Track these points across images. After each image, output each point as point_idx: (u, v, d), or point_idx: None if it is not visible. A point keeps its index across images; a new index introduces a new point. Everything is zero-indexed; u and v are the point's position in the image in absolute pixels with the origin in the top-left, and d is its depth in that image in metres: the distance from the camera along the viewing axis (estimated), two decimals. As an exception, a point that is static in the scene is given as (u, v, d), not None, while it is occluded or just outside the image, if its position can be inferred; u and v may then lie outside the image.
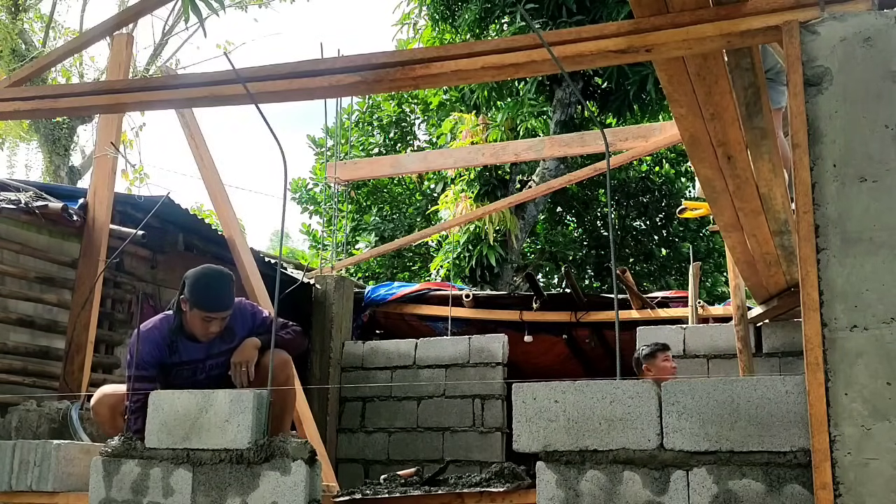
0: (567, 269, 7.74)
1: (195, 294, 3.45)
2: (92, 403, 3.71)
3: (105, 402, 3.60)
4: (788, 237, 3.73)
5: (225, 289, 3.52)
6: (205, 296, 3.47)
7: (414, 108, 15.34)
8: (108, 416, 3.55)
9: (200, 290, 3.47)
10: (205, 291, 3.48)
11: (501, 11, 10.65)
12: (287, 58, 2.88)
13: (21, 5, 14.30)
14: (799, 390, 2.13)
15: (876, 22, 2.15)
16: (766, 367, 5.00)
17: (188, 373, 3.60)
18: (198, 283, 3.49)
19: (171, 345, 3.55)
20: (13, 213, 5.04)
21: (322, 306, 6.93)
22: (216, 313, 3.47)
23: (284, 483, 2.63)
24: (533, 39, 2.48)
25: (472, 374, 6.26)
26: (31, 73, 3.48)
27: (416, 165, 8.78)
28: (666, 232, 14.27)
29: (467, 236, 10.86)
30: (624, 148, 6.80)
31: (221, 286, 3.52)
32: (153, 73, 14.70)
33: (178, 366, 3.59)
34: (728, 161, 2.99)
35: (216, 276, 3.55)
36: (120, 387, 3.66)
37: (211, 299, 3.47)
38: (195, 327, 3.50)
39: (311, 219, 15.90)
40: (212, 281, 3.52)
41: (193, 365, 3.60)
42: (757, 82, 2.56)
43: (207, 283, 3.50)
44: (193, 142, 5.68)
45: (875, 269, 2.04)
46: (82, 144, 15.83)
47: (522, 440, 2.37)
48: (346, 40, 66.12)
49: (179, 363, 3.59)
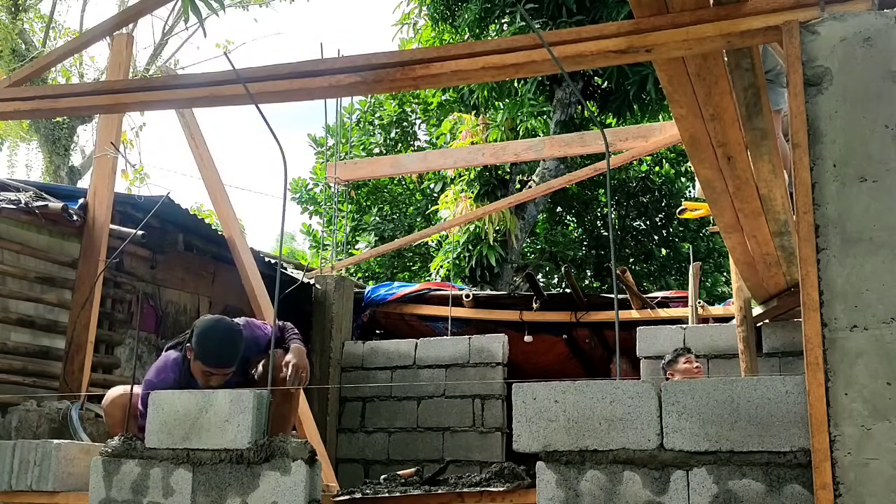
0: (567, 269, 7.73)
1: (200, 347, 3.43)
2: (104, 404, 3.70)
3: (119, 402, 3.59)
4: (788, 238, 3.73)
5: (230, 347, 3.48)
6: (208, 351, 3.43)
7: (415, 108, 15.34)
8: (120, 417, 3.54)
9: (205, 344, 3.43)
10: (209, 346, 3.44)
11: (501, 11, 10.65)
12: (287, 58, 2.88)
13: (21, 5, 14.30)
14: (799, 390, 2.13)
15: (876, 22, 2.15)
16: (767, 367, 5.00)
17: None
18: (203, 336, 3.45)
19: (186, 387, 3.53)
20: (13, 213, 5.04)
21: (322, 306, 6.93)
22: (217, 370, 3.45)
23: (284, 483, 2.63)
24: (533, 39, 2.48)
25: (472, 374, 6.26)
26: (31, 73, 3.48)
27: (416, 165, 8.78)
28: (666, 232, 14.27)
29: (467, 236, 10.86)
30: (624, 148, 6.80)
31: (227, 343, 3.47)
32: (153, 73, 14.70)
33: None
34: (728, 162, 2.99)
35: (223, 333, 3.50)
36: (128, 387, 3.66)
37: (214, 356, 3.44)
38: (197, 375, 3.49)
39: (311, 219, 15.91)
40: (218, 337, 3.48)
41: None
42: (757, 83, 2.56)
43: (213, 338, 3.46)
44: (193, 142, 5.68)
45: (875, 269, 2.04)
46: (82, 144, 15.84)
47: (522, 440, 2.37)
48: (347, 40, 66.07)
49: None
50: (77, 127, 14.61)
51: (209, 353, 3.43)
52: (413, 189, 15.19)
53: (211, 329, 3.49)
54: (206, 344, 3.43)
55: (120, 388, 3.72)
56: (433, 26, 11.70)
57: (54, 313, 5.38)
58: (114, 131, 5.52)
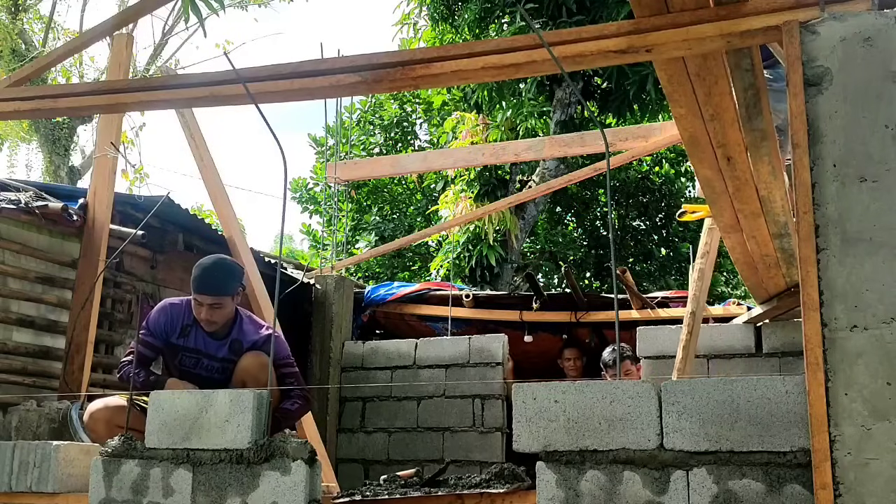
0: (567, 269, 7.73)
1: (192, 276, 3.59)
2: (85, 420, 3.70)
3: (98, 416, 3.58)
4: (788, 240, 3.73)
5: (216, 274, 3.60)
6: (195, 278, 3.58)
7: (416, 107, 15.34)
8: (103, 430, 3.53)
9: (194, 272, 3.60)
10: (196, 273, 3.59)
11: (501, 11, 10.65)
12: (287, 58, 2.88)
13: (21, 5, 14.30)
14: (799, 390, 2.13)
15: (876, 22, 2.15)
16: (767, 367, 5.00)
17: (191, 362, 3.63)
18: (197, 267, 3.61)
19: (185, 328, 3.63)
20: (13, 213, 5.04)
21: (322, 306, 6.93)
22: (202, 296, 3.54)
23: (284, 483, 2.63)
24: (533, 39, 2.48)
25: (472, 374, 6.26)
26: (31, 73, 3.47)
27: (416, 165, 8.77)
28: (666, 232, 14.27)
29: (467, 236, 10.86)
30: (624, 148, 6.79)
31: (213, 271, 3.60)
32: (153, 73, 14.70)
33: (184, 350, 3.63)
34: (728, 162, 2.98)
35: (213, 262, 3.65)
36: (110, 399, 3.65)
37: (198, 281, 3.56)
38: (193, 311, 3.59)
39: (311, 218, 15.91)
40: (206, 265, 3.62)
41: (197, 356, 3.64)
42: (757, 84, 2.55)
43: (201, 266, 3.62)
44: (193, 142, 5.68)
45: (875, 269, 2.04)
46: (82, 144, 15.86)
47: (522, 440, 2.37)
48: (347, 40, 66.08)
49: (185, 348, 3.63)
50: (77, 127, 14.62)
51: (195, 279, 3.58)
52: (413, 189, 15.18)
53: (204, 260, 3.66)
54: (195, 272, 3.60)
55: (99, 401, 3.69)
56: (433, 26, 11.70)
57: (54, 313, 5.38)
58: (114, 131, 5.52)
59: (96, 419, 3.57)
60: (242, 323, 3.71)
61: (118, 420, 3.47)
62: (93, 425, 3.60)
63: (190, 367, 3.63)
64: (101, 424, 3.54)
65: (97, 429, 3.57)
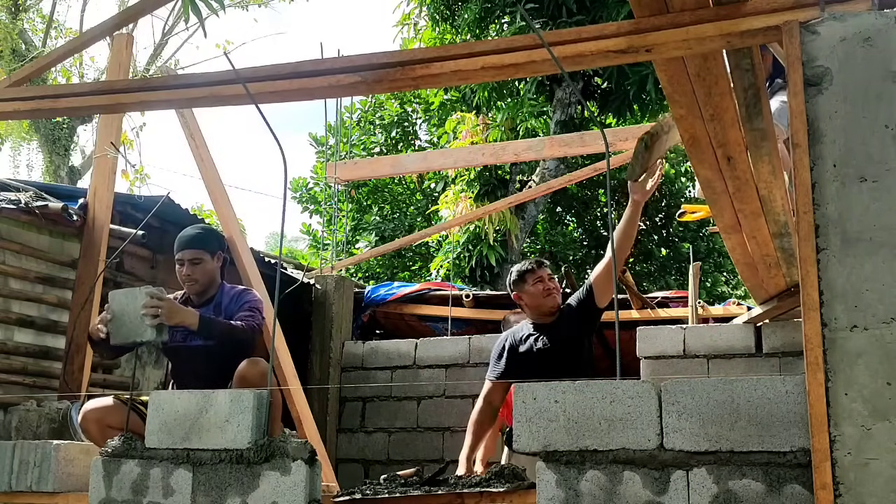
0: (567, 269, 7.73)
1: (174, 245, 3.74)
2: (79, 421, 3.68)
3: (90, 417, 3.55)
4: (788, 240, 3.73)
5: (194, 232, 3.75)
6: (176, 239, 3.72)
7: (416, 107, 15.34)
8: (96, 431, 3.51)
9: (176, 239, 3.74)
10: (178, 237, 3.73)
11: (501, 11, 10.65)
12: (287, 58, 2.88)
13: (21, 5, 14.30)
14: (799, 390, 2.13)
15: (876, 22, 2.15)
16: (767, 367, 4.99)
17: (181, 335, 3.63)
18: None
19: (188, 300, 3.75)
20: (13, 213, 5.04)
21: (322, 306, 6.93)
22: (181, 252, 3.67)
23: (284, 483, 2.63)
24: (533, 39, 2.48)
25: (472, 374, 6.25)
26: (31, 73, 3.47)
27: (417, 165, 8.78)
28: (666, 232, 14.27)
29: (467, 236, 10.86)
30: (624, 148, 6.80)
31: (193, 231, 3.76)
32: (153, 73, 14.70)
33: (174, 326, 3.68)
34: (728, 162, 2.98)
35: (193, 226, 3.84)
36: (101, 399, 3.64)
37: (179, 240, 3.71)
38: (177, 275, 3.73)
39: (311, 218, 15.90)
40: (187, 228, 3.79)
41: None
42: (757, 83, 2.55)
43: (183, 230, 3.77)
44: (193, 142, 5.68)
45: (875, 269, 2.04)
46: (82, 144, 15.85)
47: (522, 440, 2.37)
48: (347, 40, 66.10)
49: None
50: (77, 127, 14.62)
51: (176, 242, 3.72)
52: (413, 189, 15.18)
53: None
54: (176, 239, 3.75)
55: (91, 402, 3.68)
56: (433, 27, 11.70)
57: (55, 313, 5.38)
58: (114, 131, 5.52)
59: (88, 419, 3.56)
60: (225, 287, 3.82)
61: (109, 420, 3.46)
62: (85, 425, 3.59)
63: (180, 341, 3.63)
64: (93, 424, 3.53)
65: (89, 429, 3.56)
